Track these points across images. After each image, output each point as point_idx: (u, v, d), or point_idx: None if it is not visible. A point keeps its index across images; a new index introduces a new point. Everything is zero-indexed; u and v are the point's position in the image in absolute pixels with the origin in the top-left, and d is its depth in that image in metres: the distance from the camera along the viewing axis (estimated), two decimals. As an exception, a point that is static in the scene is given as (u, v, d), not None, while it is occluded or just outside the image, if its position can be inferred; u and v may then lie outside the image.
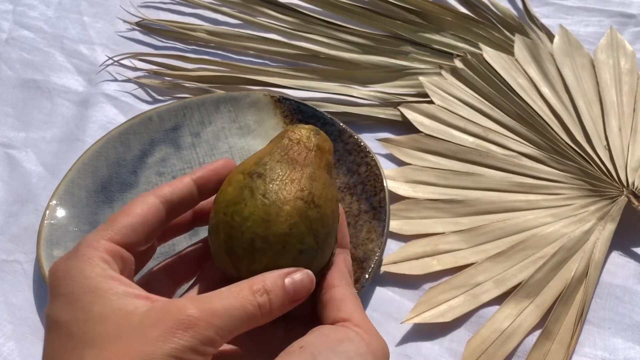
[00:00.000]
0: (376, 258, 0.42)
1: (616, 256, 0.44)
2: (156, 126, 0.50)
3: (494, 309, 0.41)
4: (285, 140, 0.32)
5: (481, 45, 0.56)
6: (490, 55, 0.55)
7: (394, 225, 0.45)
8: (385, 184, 0.45)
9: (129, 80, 0.57)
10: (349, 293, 0.30)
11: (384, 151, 0.50)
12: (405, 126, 0.52)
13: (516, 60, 0.55)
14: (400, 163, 0.50)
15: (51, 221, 0.44)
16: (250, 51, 0.59)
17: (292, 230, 0.28)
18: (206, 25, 0.62)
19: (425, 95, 0.53)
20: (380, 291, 0.43)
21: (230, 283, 0.27)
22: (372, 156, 0.46)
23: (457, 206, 0.46)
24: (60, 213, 0.45)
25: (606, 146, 0.48)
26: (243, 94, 0.52)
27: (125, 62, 0.59)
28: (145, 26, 0.63)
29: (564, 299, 0.41)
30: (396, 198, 0.46)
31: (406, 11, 0.60)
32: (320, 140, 0.32)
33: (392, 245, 0.45)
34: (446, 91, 0.53)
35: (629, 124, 0.49)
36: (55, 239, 0.43)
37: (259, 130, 0.50)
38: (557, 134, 0.49)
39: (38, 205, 0.48)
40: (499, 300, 0.41)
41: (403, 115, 0.52)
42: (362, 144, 0.47)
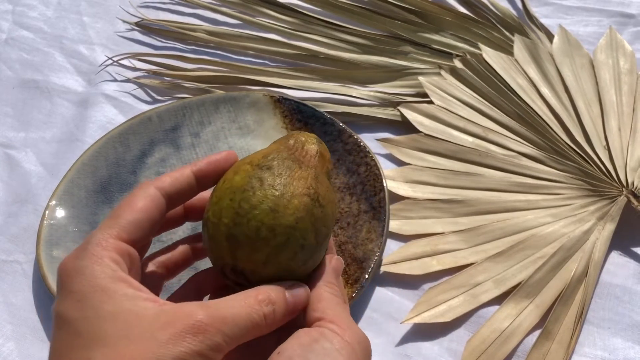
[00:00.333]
0: (376, 258, 0.42)
1: (616, 256, 0.44)
2: (156, 126, 0.50)
3: (493, 309, 0.41)
4: (292, 141, 0.32)
5: (481, 45, 0.56)
6: (490, 55, 0.55)
7: (394, 225, 0.45)
8: (384, 184, 0.45)
9: (128, 80, 0.57)
10: (323, 291, 0.30)
11: (384, 151, 0.50)
12: (404, 126, 0.52)
13: (515, 60, 0.55)
14: (399, 163, 0.50)
15: (51, 221, 0.44)
16: (249, 51, 0.59)
17: (298, 225, 0.29)
18: (206, 25, 0.62)
19: (425, 95, 0.53)
20: (380, 291, 0.43)
21: (219, 277, 0.27)
22: (372, 156, 0.46)
23: (457, 206, 0.46)
24: (60, 213, 0.45)
25: (605, 146, 0.48)
26: (243, 94, 0.52)
27: (125, 62, 0.59)
28: (144, 26, 0.62)
29: (563, 298, 0.41)
30: (396, 198, 0.46)
31: (406, 11, 0.60)
32: (322, 148, 0.33)
33: (392, 245, 0.45)
34: (446, 91, 0.53)
35: (628, 124, 0.49)
36: (55, 239, 0.43)
37: (258, 130, 0.50)
38: (557, 134, 0.49)
39: (37, 206, 0.48)
40: (499, 300, 0.41)
41: (403, 115, 0.52)
42: (362, 144, 0.47)
